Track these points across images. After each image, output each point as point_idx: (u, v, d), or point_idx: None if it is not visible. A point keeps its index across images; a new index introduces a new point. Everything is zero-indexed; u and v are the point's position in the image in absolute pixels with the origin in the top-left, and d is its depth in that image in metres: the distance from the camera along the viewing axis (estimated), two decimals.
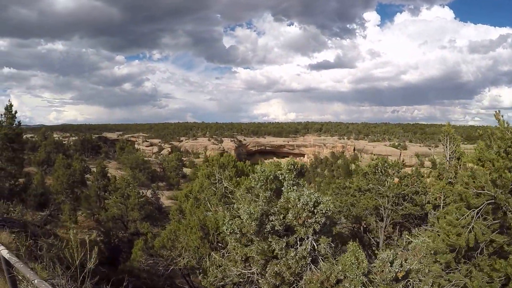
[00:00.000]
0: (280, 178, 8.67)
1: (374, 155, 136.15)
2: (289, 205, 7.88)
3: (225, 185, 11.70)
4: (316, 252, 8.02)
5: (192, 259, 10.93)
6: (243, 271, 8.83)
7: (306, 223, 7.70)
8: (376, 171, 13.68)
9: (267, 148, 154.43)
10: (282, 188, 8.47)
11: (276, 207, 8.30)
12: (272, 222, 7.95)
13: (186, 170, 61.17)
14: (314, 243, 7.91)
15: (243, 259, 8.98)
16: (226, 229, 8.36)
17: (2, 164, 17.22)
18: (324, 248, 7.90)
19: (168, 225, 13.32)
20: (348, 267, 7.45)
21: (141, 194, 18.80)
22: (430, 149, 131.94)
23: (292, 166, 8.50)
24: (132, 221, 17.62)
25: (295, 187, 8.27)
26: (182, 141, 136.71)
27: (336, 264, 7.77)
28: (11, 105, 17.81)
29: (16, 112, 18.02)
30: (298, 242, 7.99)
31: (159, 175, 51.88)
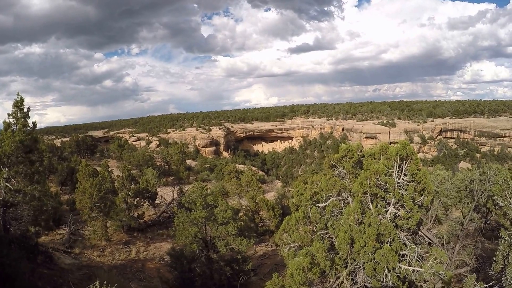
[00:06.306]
0: None
1: (364, 133, 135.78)
2: None
3: (399, 180, 7.84)
4: None
5: None
6: None
7: None
8: None
9: (255, 133, 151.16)
10: None
11: None
12: None
13: (190, 162, 56.60)
14: None
15: None
16: None
17: (18, 184, 12.18)
18: None
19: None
20: None
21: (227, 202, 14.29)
22: (418, 125, 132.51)
23: None
24: (219, 239, 13.22)
25: None
26: (169, 133, 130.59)
27: None
28: (22, 100, 12.46)
29: (29, 109, 12.80)
30: None
31: (165, 170, 47.37)
